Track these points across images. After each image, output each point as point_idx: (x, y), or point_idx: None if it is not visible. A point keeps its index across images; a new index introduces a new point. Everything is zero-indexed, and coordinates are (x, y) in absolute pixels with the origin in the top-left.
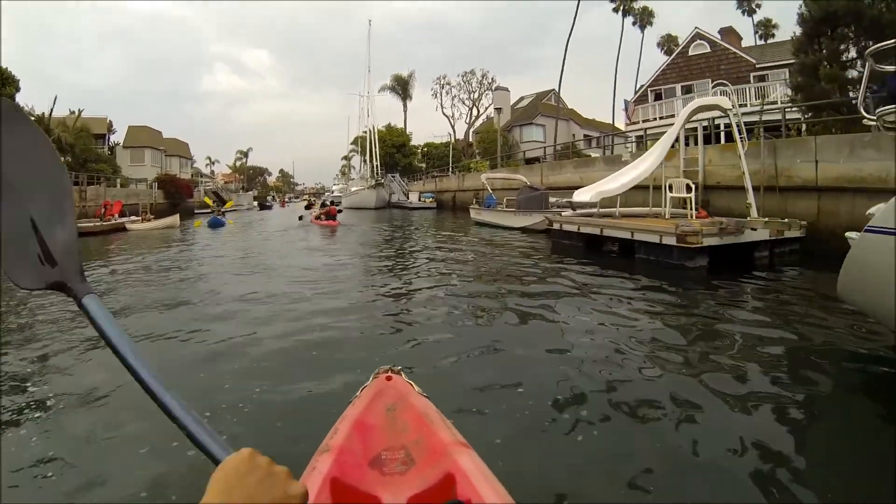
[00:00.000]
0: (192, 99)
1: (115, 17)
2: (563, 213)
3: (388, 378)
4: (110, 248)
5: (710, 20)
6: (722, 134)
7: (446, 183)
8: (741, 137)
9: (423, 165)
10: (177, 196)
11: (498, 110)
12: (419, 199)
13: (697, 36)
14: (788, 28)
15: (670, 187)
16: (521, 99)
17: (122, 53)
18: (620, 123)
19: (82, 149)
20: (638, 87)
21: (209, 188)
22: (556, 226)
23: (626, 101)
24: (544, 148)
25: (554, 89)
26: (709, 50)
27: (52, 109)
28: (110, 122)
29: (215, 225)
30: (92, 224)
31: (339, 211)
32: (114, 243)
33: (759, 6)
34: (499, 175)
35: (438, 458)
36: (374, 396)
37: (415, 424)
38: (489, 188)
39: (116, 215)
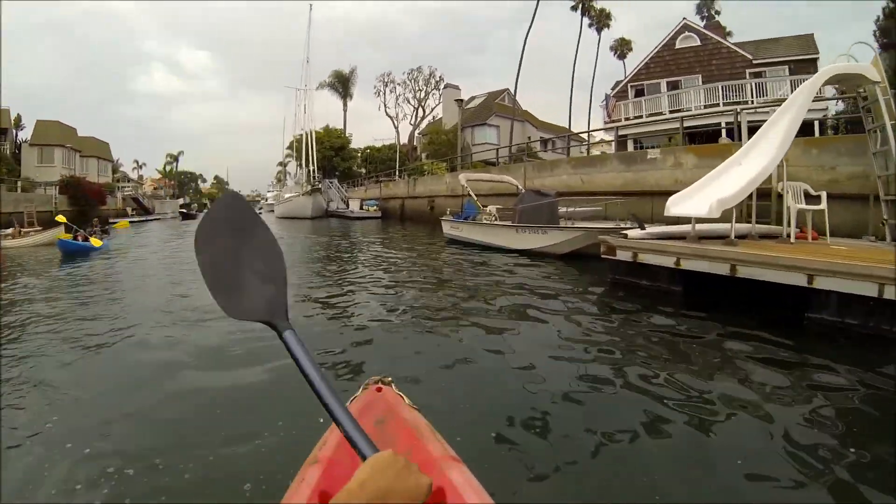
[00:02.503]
0: (126, 99)
1: (50, 8)
2: (628, 235)
3: (378, 389)
4: None
5: (662, 32)
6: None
7: (393, 189)
8: (893, 123)
9: (363, 171)
10: (84, 202)
11: (458, 101)
12: (361, 208)
13: (686, 28)
14: (741, 34)
15: (781, 195)
16: (472, 99)
17: (56, 49)
18: (574, 123)
19: None
20: (597, 88)
21: (129, 194)
22: (622, 255)
23: (606, 95)
24: (508, 148)
25: (508, 89)
26: (698, 43)
27: None
28: (18, 116)
29: (70, 251)
30: None
31: None
32: None
33: (718, 12)
34: (483, 176)
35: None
36: (363, 408)
37: (404, 437)
38: (472, 193)
39: None
